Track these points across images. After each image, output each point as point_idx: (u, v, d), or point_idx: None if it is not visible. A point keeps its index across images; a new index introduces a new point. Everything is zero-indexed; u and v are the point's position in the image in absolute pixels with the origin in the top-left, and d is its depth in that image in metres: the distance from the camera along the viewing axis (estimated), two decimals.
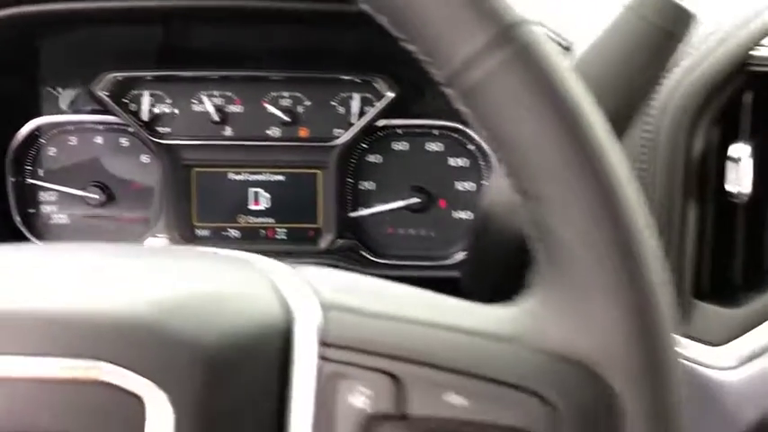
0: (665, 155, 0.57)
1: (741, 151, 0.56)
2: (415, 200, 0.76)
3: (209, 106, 0.77)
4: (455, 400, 0.28)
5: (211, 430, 0.27)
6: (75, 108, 0.79)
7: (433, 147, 0.76)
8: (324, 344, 0.29)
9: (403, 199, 0.76)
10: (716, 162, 0.57)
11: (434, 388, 0.29)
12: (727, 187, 0.56)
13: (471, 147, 0.75)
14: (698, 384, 0.57)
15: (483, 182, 0.76)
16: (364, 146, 0.78)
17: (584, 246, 0.28)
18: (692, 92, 0.57)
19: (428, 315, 0.30)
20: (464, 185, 0.77)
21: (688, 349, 0.58)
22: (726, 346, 0.56)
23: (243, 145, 0.77)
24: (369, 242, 0.79)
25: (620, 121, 0.45)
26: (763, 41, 0.56)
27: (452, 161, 0.76)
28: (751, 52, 0.56)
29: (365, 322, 0.29)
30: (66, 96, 0.80)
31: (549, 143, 0.28)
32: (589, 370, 0.29)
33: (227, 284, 0.32)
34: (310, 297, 0.31)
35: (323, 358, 0.29)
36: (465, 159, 0.76)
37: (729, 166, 0.56)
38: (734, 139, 0.57)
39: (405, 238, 0.78)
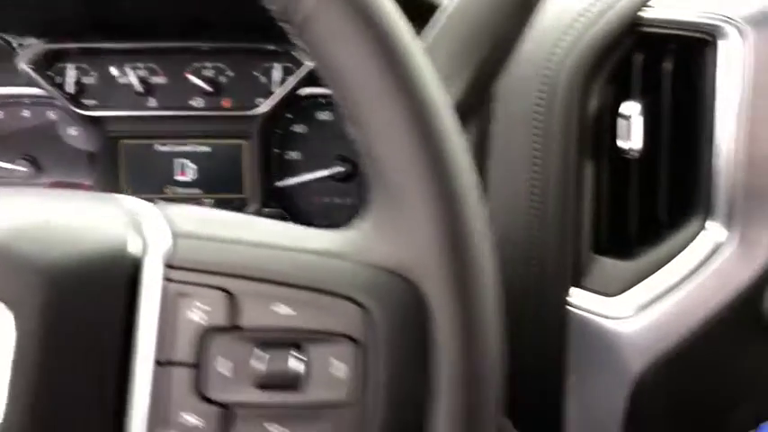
0: (561, 114, 0.60)
1: (632, 109, 0.58)
2: (340, 169, 0.77)
3: (132, 78, 0.77)
4: (282, 310, 0.30)
5: (53, 349, 0.29)
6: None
7: None
8: (169, 266, 0.31)
9: (328, 168, 0.78)
10: (609, 120, 0.60)
11: (264, 300, 0.31)
12: (619, 144, 0.59)
13: None
14: (594, 334, 0.60)
15: None
16: (289, 116, 0.79)
17: (400, 164, 0.30)
18: (586, 53, 0.59)
19: (265, 238, 0.32)
20: None
21: (586, 301, 0.61)
22: (621, 296, 0.60)
23: (167, 116, 0.78)
24: (295, 211, 0.80)
25: (491, 66, 0.47)
26: (651, 3, 0.60)
27: None
28: (640, 14, 0.59)
29: (207, 246, 0.32)
30: None
31: (365, 71, 0.30)
32: (404, 278, 0.31)
33: (81, 215, 0.33)
34: (164, 228, 0.33)
35: (167, 279, 0.31)
36: None
37: (621, 123, 0.59)
38: (626, 98, 0.60)
39: (331, 206, 0.80)
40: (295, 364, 0.32)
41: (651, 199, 0.60)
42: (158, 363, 0.32)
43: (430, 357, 0.32)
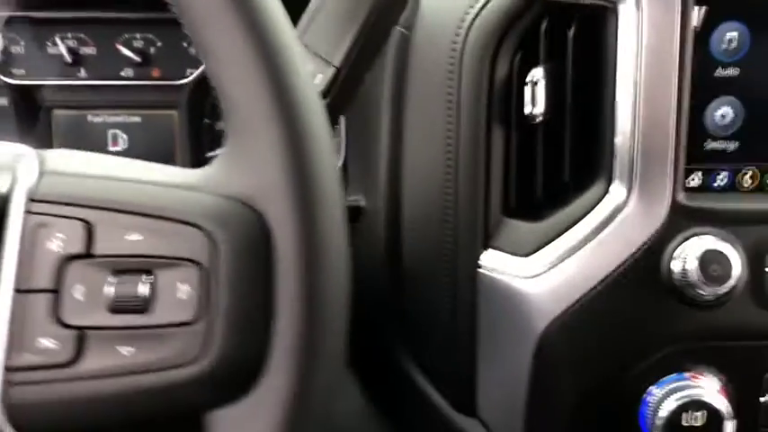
0: (470, 80, 0.61)
1: (537, 75, 0.60)
2: None
3: (62, 48, 0.78)
4: (134, 237, 0.32)
5: None
6: None
7: None
8: (31, 200, 0.33)
9: None
10: (517, 87, 0.62)
11: (118, 229, 0.33)
12: (527, 110, 0.61)
13: None
14: (502, 293, 0.62)
15: (337, 124, 0.79)
16: None
17: (247, 99, 0.32)
18: (493, 21, 0.60)
19: (126, 174, 0.34)
20: None
21: (496, 261, 0.63)
22: (529, 257, 0.61)
23: (97, 86, 0.78)
24: None
25: (375, 33, 0.48)
26: None
27: None
28: None
29: (68, 180, 0.33)
30: None
31: (214, 4, 0.31)
32: (250, 207, 0.33)
33: None
34: (34, 167, 0.34)
35: (28, 212, 0.32)
36: None
37: (527, 89, 0.60)
38: (534, 64, 0.61)
39: None
40: (143, 288, 0.34)
41: (558, 163, 0.62)
42: (18, 290, 0.33)
43: (272, 284, 0.34)
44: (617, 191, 0.59)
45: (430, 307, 0.66)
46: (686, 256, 0.56)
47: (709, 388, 0.58)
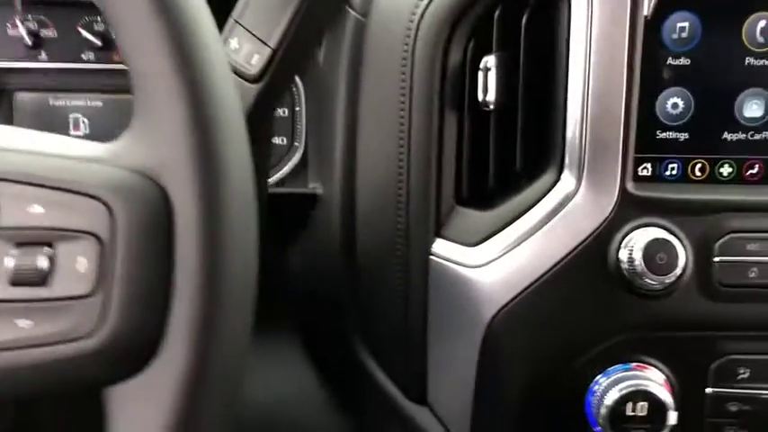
0: (423, 67, 0.61)
1: (490, 62, 0.60)
2: None
3: (22, 30, 0.77)
4: (36, 210, 0.31)
5: None
6: None
7: None
8: None
9: None
10: (471, 74, 0.61)
11: (21, 201, 0.32)
12: (479, 97, 0.60)
13: None
14: (452, 281, 0.62)
15: (297, 108, 0.79)
16: None
17: (153, 73, 0.32)
18: (447, 7, 0.60)
19: (33, 147, 0.33)
20: (278, 111, 0.79)
21: (447, 250, 0.63)
22: (479, 246, 0.61)
23: (58, 69, 0.78)
24: None
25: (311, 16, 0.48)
26: None
27: None
28: None
29: None
30: None
31: None
32: (152, 181, 0.32)
33: None
34: None
35: None
36: None
37: (479, 76, 0.60)
38: (488, 51, 0.61)
39: None
40: (42, 261, 0.34)
41: (510, 151, 0.61)
42: None
43: (172, 258, 0.33)
44: (567, 180, 0.59)
45: (383, 295, 0.65)
46: (633, 246, 0.56)
47: (654, 378, 0.58)
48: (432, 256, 0.63)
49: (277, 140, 0.80)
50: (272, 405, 0.74)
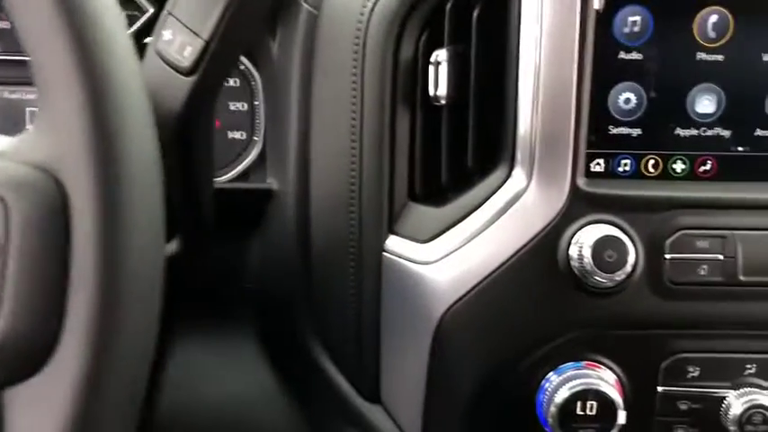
0: (374, 62, 0.60)
1: (440, 56, 0.59)
2: None
3: None
4: None
5: None
6: None
7: None
8: None
9: None
10: (423, 68, 0.60)
11: None
12: (430, 92, 0.60)
13: (242, 67, 0.77)
14: (404, 278, 0.61)
15: (255, 102, 0.78)
16: None
17: (53, 68, 0.31)
18: (398, 1, 0.59)
19: None
20: (236, 105, 0.79)
21: (400, 246, 0.62)
22: (431, 242, 0.60)
23: (14, 61, 0.77)
24: None
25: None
26: None
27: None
28: None
29: None
30: None
31: None
32: (50, 174, 0.32)
33: None
34: None
35: None
36: (236, 80, 0.78)
37: (430, 70, 0.59)
38: (440, 45, 0.60)
39: None
40: None
41: (461, 146, 0.61)
42: None
43: (68, 256, 0.33)
44: (517, 176, 0.58)
45: (336, 292, 0.64)
46: (582, 243, 0.55)
47: (605, 377, 0.57)
48: (385, 253, 0.62)
49: (236, 135, 0.79)
50: (228, 404, 0.73)
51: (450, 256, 0.59)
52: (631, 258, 0.55)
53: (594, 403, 0.56)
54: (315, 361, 0.68)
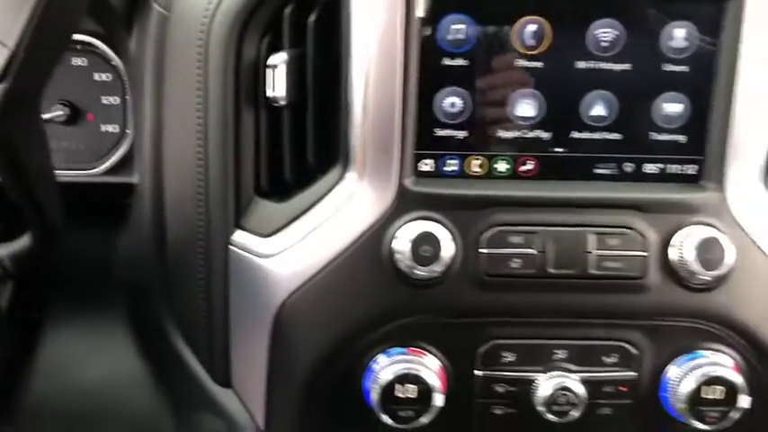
0: (217, 63, 0.62)
1: (277, 60, 0.62)
2: (60, 112, 0.78)
3: None
4: None
5: None
6: None
7: (78, 62, 0.79)
8: None
9: (50, 112, 0.79)
10: (264, 70, 0.63)
11: None
12: (268, 93, 0.62)
13: (114, 62, 0.79)
14: (248, 270, 0.64)
15: (126, 96, 0.79)
16: None
17: None
18: (238, 4, 0.61)
19: None
20: (109, 99, 0.80)
21: (246, 240, 0.65)
22: (272, 236, 0.64)
23: None
24: None
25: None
26: None
27: (97, 76, 0.79)
28: None
29: None
30: None
31: None
32: None
33: None
34: None
35: None
36: (108, 74, 0.79)
37: (268, 73, 0.62)
38: (281, 49, 0.63)
39: (56, 151, 0.80)
40: None
41: (302, 144, 0.63)
42: None
43: None
44: (350, 176, 0.61)
45: (188, 283, 0.67)
46: (404, 238, 0.59)
47: (426, 362, 0.61)
48: (231, 246, 0.65)
49: (109, 128, 0.80)
50: (98, 389, 0.76)
51: (288, 250, 0.62)
52: (448, 253, 0.59)
53: (413, 386, 0.60)
54: (174, 348, 0.71)
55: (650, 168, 0.63)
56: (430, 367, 0.61)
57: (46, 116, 0.78)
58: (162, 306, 0.71)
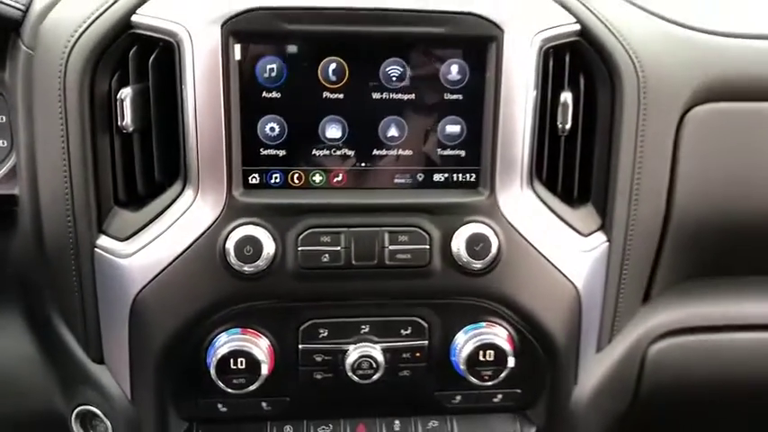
0: (73, 97, 0.73)
1: (124, 94, 0.72)
2: None
3: None
4: None
5: None
6: None
7: None
8: None
9: None
10: (116, 102, 0.74)
11: None
12: (118, 122, 0.73)
13: None
14: (109, 269, 0.76)
15: (13, 114, 0.89)
16: None
17: None
18: (89, 46, 0.72)
19: None
20: None
21: (108, 244, 0.76)
22: (128, 240, 0.75)
23: None
24: None
25: None
26: (140, 10, 0.73)
27: None
28: (133, 19, 0.73)
29: None
30: None
31: None
32: None
33: None
34: None
35: None
36: None
37: (118, 104, 0.73)
38: (126, 83, 0.74)
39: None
40: None
41: (151, 164, 0.76)
42: None
43: None
44: (188, 191, 0.74)
45: (65, 280, 0.79)
46: (231, 240, 0.72)
47: (257, 341, 0.75)
48: (96, 249, 0.77)
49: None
50: None
51: (140, 252, 0.75)
52: (268, 251, 0.72)
53: (243, 359, 0.74)
54: (58, 333, 0.83)
55: (438, 177, 0.77)
56: (259, 345, 0.75)
57: None
58: (47, 298, 0.83)
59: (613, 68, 0.77)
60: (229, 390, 0.75)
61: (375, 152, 0.76)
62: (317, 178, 0.76)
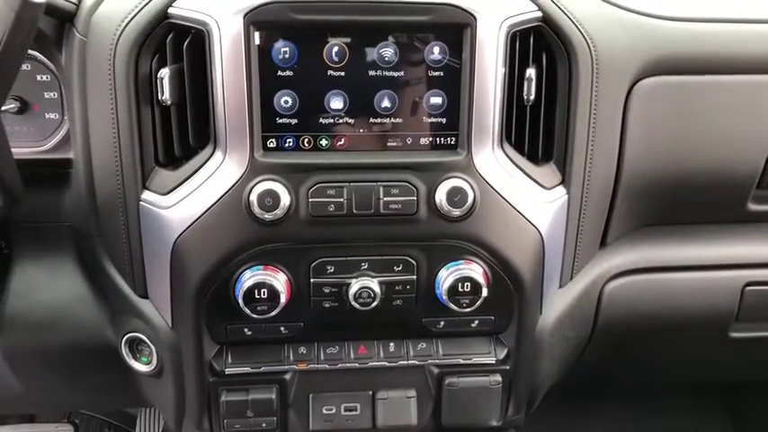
0: (122, 76, 0.89)
1: (162, 74, 0.87)
2: (12, 105, 1.02)
3: None
4: None
5: None
6: None
7: (24, 67, 1.01)
8: None
9: (5, 105, 1.03)
10: (155, 81, 0.88)
11: None
12: (159, 97, 0.88)
13: (51, 67, 1.03)
14: (154, 219, 0.92)
15: (64, 91, 1.04)
16: None
17: None
18: (134, 34, 0.87)
19: None
20: (50, 94, 1.04)
21: (151, 198, 0.92)
22: (168, 195, 0.91)
23: None
24: None
25: None
26: (176, 4, 0.87)
27: (39, 77, 1.03)
28: (169, 10, 0.87)
29: None
30: None
31: None
32: None
33: None
34: None
35: None
36: (48, 76, 1.02)
37: (158, 82, 0.87)
38: (163, 65, 0.88)
39: (11, 134, 1.03)
40: None
41: (187, 132, 0.90)
42: None
43: None
44: (218, 153, 0.90)
45: (114, 228, 0.95)
46: (254, 193, 0.87)
47: (277, 276, 0.91)
48: (141, 202, 0.93)
49: (52, 116, 1.05)
50: (56, 306, 1.04)
51: (179, 204, 0.91)
52: (285, 201, 0.88)
53: (265, 290, 0.90)
54: (108, 273, 1.00)
55: (424, 141, 0.93)
56: (278, 278, 0.91)
57: (2, 108, 1.02)
58: (98, 245, 0.99)
59: (570, 48, 0.93)
60: (254, 315, 0.92)
61: (371, 120, 0.92)
62: (324, 142, 0.92)
